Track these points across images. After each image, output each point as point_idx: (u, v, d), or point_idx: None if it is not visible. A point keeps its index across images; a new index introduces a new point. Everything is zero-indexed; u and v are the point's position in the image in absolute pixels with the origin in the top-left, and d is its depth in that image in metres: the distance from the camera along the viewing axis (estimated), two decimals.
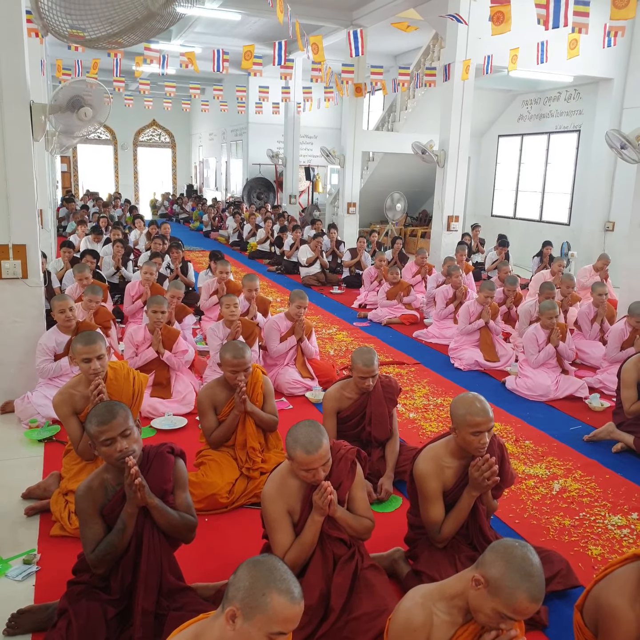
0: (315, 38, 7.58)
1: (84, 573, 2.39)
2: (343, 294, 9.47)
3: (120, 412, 2.35)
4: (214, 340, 5.10)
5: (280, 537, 2.47)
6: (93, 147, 24.37)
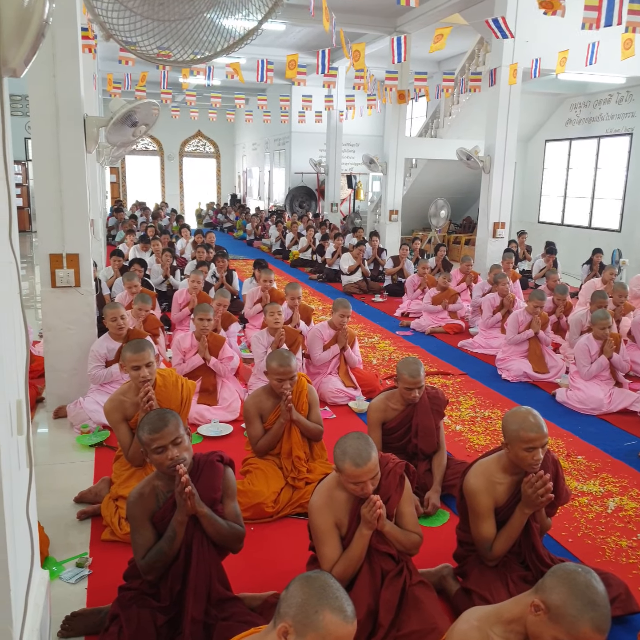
0: (358, 45, 7.58)
1: (134, 579, 2.42)
2: (385, 302, 9.41)
3: (172, 420, 2.37)
4: (259, 348, 5.13)
5: (327, 550, 2.45)
6: (140, 158, 24.96)
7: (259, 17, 1.85)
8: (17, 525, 1.21)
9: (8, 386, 1.17)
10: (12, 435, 1.19)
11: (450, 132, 13.68)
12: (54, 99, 4.33)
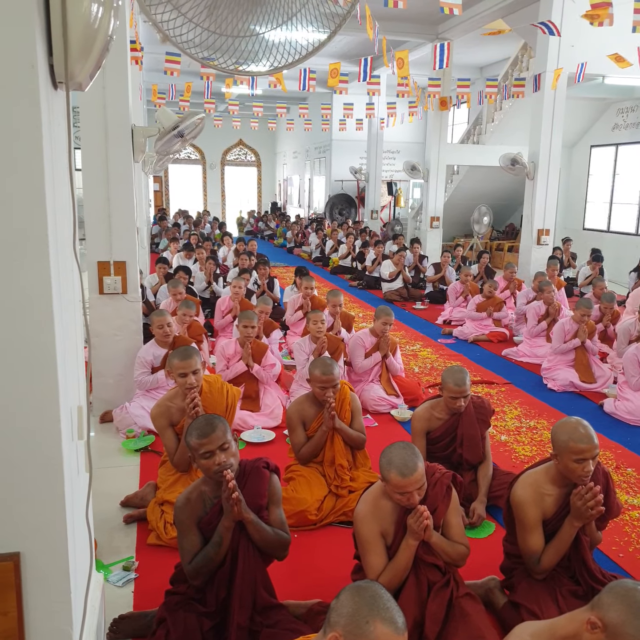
0: (401, 53, 7.58)
1: (181, 584, 2.44)
2: (426, 309, 9.34)
3: (220, 426, 2.40)
4: (301, 355, 5.15)
5: (373, 559, 2.44)
6: (183, 166, 25.43)
7: (325, 30, 1.86)
8: (78, 529, 1.24)
9: (70, 392, 1.21)
10: (73, 440, 1.22)
11: (492, 139, 13.53)
12: (103, 110, 4.44)
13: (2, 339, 1.09)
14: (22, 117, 1.01)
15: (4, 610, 1.07)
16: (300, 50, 2.36)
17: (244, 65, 1.73)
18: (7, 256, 1.07)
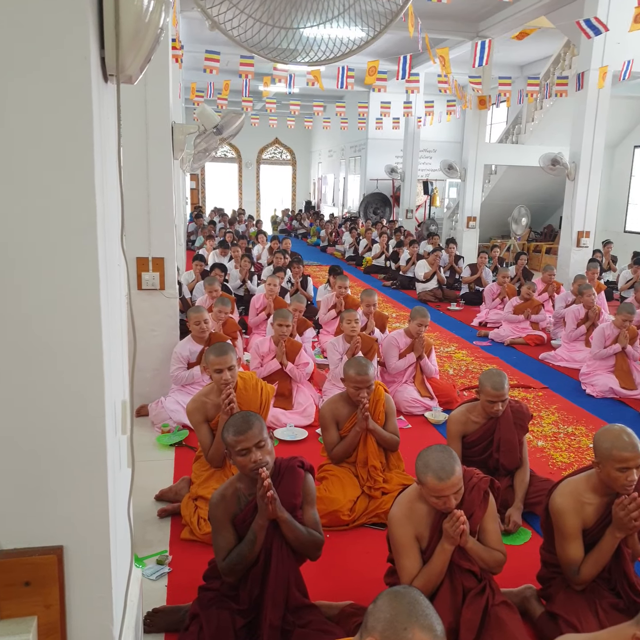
0: (441, 51, 7.49)
1: (214, 580, 2.45)
2: (461, 310, 9.23)
3: (256, 423, 2.39)
4: (334, 355, 5.13)
5: (407, 562, 2.40)
6: (219, 165, 25.63)
7: (372, 28, 1.84)
8: (119, 525, 1.24)
9: (115, 386, 1.21)
10: (116, 435, 1.23)
11: (532, 138, 13.30)
12: (144, 106, 4.49)
13: (49, 333, 1.09)
14: (74, 110, 1.02)
15: (47, 603, 1.08)
16: (348, 45, 2.34)
17: (290, 57, 1.72)
18: (56, 250, 1.07)
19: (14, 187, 1.05)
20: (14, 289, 1.08)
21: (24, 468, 1.11)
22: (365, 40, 2.36)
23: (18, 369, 1.10)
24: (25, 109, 1.02)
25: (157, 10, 1.02)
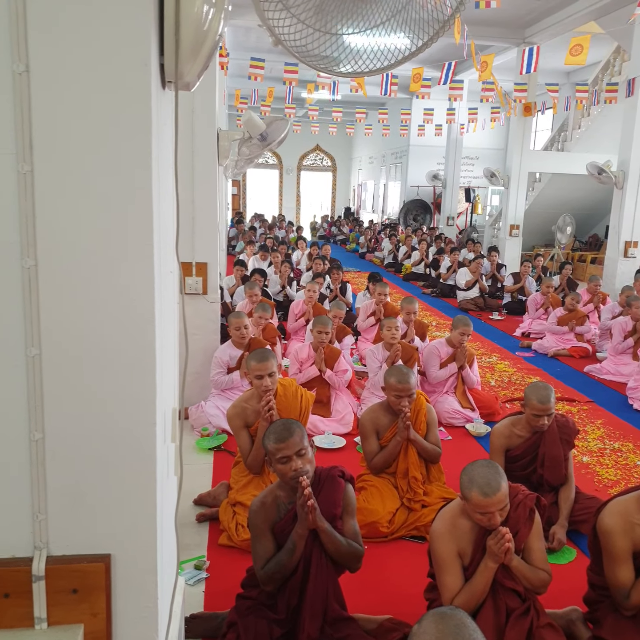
0: (487, 57, 7.40)
1: (252, 588, 2.43)
2: (503, 320, 9.06)
3: (297, 431, 2.37)
4: (373, 363, 5.09)
5: (449, 579, 2.34)
6: (260, 171, 25.85)
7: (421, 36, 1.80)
8: (166, 534, 1.23)
9: (166, 394, 1.21)
10: (165, 443, 1.22)
11: (578, 146, 13.04)
12: (191, 113, 4.54)
13: (104, 340, 1.09)
14: (134, 116, 1.02)
15: (94, 611, 1.08)
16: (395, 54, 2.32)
17: (343, 66, 1.70)
18: (113, 257, 1.07)
19: (74, 193, 1.05)
20: (73, 295, 1.08)
21: (75, 475, 1.11)
22: (411, 50, 2.32)
23: (74, 376, 1.10)
24: (86, 115, 1.03)
25: (217, 18, 1.02)
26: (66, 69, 1.01)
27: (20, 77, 0.98)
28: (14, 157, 1.00)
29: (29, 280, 1.02)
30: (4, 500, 1.10)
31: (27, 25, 0.98)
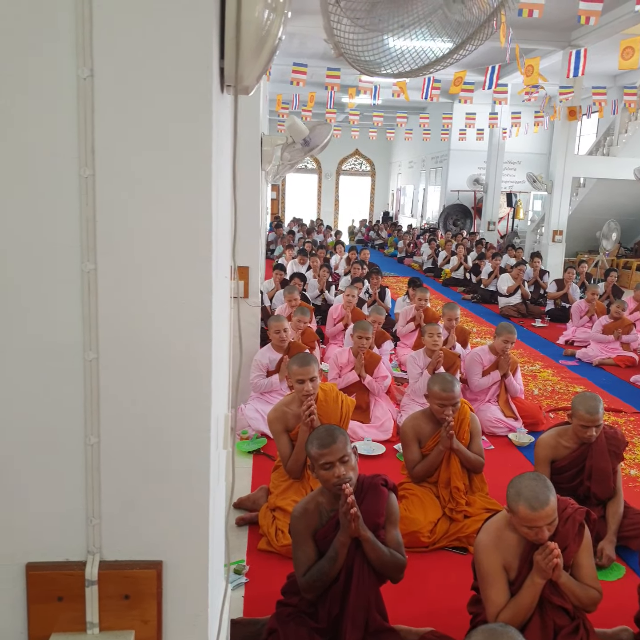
0: (532, 60, 7.28)
1: (293, 595, 2.41)
2: (546, 327, 8.87)
3: (340, 438, 2.35)
4: (414, 369, 5.03)
5: (494, 593, 2.29)
6: (299, 175, 25.96)
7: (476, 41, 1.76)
8: (216, 541, 1.22)
9: (219, 399, 1.20)
10: (216, 449, 1.21)
11: (625, 150, 12.72)
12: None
13: (161, 344, 1.09)
14: (195, 120, 1.01)
15: (145, 618, 1.07)
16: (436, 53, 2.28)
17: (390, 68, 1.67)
18: (172, 261, 1.07)
19: (134, 197, 1.06)
20: (131, 300, 1.08)
21: (129, 480, 1.11)
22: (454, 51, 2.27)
23: (130, 380, 1.10)
24: (148, 119, 1.03)
25: (277, 22, 1.01)
26: (129, 73, 1.01)
27: (84, 81, 0.99)
28: (76, 161, 1.01)
29: (88, 284, 1.03)
30: (59, 504, 1.10)
31: (92, 30, 0.98)
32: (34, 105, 1.01)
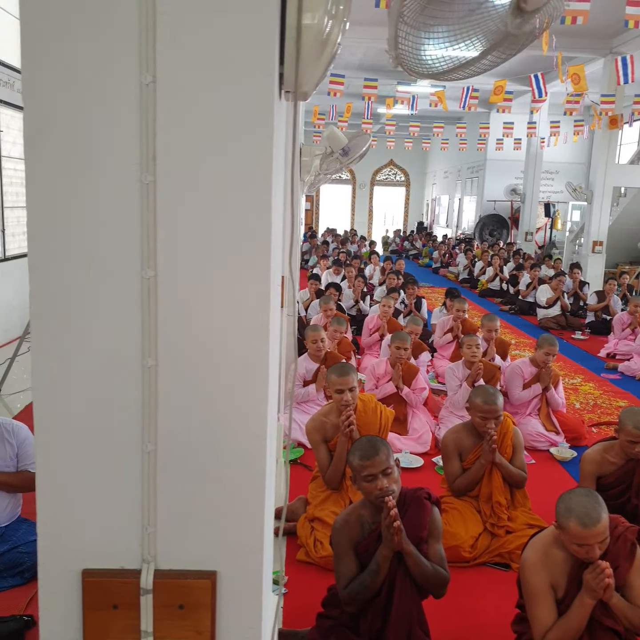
0: (575, 68, 7.17)
1: (334, 608, 2.38)
2: (587, 340, 8.68)
3: (383, 449, 2.32)
4: (453, 381, 4.96)
5: (540, 612, 2.22)
6: (334, 186, 26.03)
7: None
8: (268, 552, 1.20)
9: (273, 406, 1.19)
10: (272, 457, 1.20)
11: None
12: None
13: (219, 352, 1.08)
14: (256, 125, 1.01)
15: (199, 629, 1.06)
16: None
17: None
18: (231, 268, 1.07)
19: (194, 204, 1.06)
20: (190, 307, 1.08)
21: (185, 488, 1.10)
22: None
23: (188, 387, 1.10)
24: (210, 124, 1.03)
25: (336, 29, 1.01)
26: (191, 78, 1.02)
27: (147, 87, 0.99)
28: (138, 167, 1.01)
29: (148, 291, 1.03)
30: (115, 511, 1.10)
31: (156, 36, 0.99)
32: (97, 111, 1.02)
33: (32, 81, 1.01)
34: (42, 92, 1.01)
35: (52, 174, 1.03)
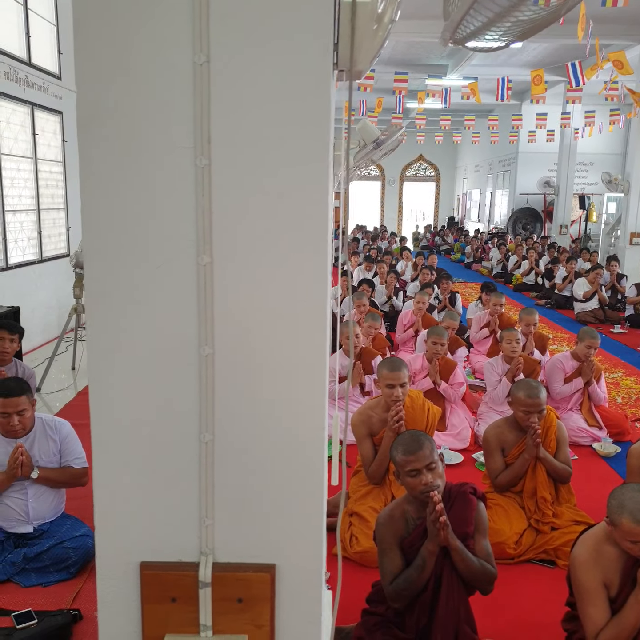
0: (616, 54, 6.99)
1: (379, 604, 2.36)
2: (626, 334, 8.47)
3: (427, 444, 2.28)
4: (492, 376, 4.88)
5: (593, 611, 2.16)
6: (363, 183, 25.92)
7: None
8: (325, 547, 1.18)
9: (327, 398, 1.16)
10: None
11: None
12: None
13: (276, 340, 1.06)
14: (313, 106, 0.99)
15: (258, 623, 1.04)
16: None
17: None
18: (288, 254, 1.04)
19: (250, 188, 1.03)
20: (247, 295, 1.06)
21: (242, 480, 1.08)
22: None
23: (245, 376, 1.08)
24: (265, 106, 1.01)
25: (392, 4, 0.98)
26: (246, 58, 0.99)
27: (200, 68, 0.97)
28: (192, 150, 0.99)
29: (204, 278, 1.01)
30: (173, 503, 1.09)
31: (209, 14, 0.97)
32: (149, 94, 1.00)
33: (84, 65, 1.00)
34: (94, 76, 1.00)
35: (105, 160, 1.02)
